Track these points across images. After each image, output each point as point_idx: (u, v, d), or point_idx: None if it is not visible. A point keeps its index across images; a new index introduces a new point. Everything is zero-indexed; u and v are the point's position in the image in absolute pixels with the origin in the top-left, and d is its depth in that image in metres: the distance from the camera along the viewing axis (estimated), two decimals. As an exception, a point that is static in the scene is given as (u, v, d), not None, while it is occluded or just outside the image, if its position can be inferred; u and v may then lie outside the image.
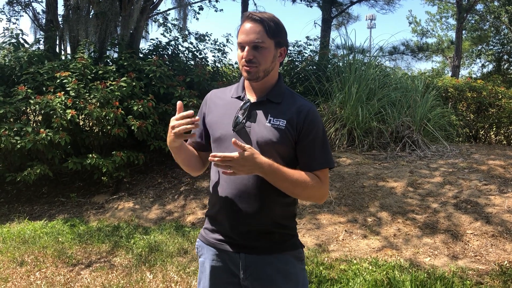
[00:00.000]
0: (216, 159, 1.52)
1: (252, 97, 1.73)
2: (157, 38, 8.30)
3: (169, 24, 9.81)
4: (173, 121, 1.61)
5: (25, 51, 6.53)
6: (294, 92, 1.80)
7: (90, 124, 6.51)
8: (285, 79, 8.04)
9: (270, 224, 1.69)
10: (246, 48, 1.64)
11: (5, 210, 5.97)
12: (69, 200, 6.10)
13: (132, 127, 5.83)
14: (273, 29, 1.65)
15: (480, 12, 20.00)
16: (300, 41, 8.87)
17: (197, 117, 1.62)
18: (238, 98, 1.76)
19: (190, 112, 1.58)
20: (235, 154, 1.52)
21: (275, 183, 1.62)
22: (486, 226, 4.21)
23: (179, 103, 1.64)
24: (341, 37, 20.32)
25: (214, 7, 10.80)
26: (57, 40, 8.08)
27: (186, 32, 9.05)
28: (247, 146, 1.55)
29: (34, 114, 6.38)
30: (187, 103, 6.22)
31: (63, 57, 7.45)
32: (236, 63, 9.26)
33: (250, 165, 1.55)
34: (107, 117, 5.80)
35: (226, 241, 1.72)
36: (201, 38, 8.55)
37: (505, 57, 21.96)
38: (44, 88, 6.06)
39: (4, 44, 6.92)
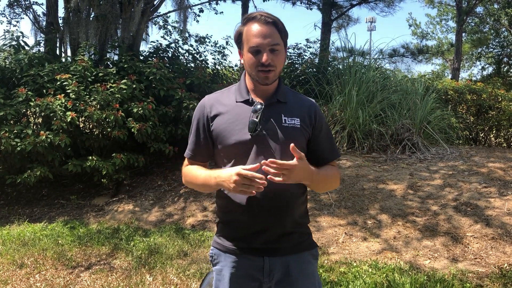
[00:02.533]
0: (273, 165, 1.46)
1: (258, 100, 1.70)
2: (157, 41, 8.28)
3: (169, 27, 9.81)
4: (239, 175, 1.48)
5: (25, 54, 6.54)
6: (293, 90, 1.82)
7: (90, 126, 6.51)
8: (285, 81, 8.05)
9: (291, 224, 1.69)
10: (264, 53, 1.60)
11: (5, 212, 5.97)
12: (69, 202, 6.10)
13: (132, 130, 5.83)
14: (283, 31, 1.66)
15: (480, 15, 20.05)
16: (300, 43, 8.92)
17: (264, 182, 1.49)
18: (246, 102, 1.70)
19: (261, 177, 1.49)
20: (294, 162, 1.49)
21: (317, 186, 1.69)
22: (486, 228, 4.21)
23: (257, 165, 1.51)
24: (341, 40, 20.35)
25: (214, 9, 10.84)
26: (58, 42, 8.10)
27: (187, 35, 9.07)
28: (302, 154, 1.52)
29: (34, 116, 6.38)
30: (187, 105, 6.23)
31: (63, 60, 7.47)
32: (236, 65, 9.25)
33: (302, 174, 1.54)
34: (107, 119, 5.80)
35: (248, 247, 1.68)
36: (201, 40, 8.57)
37: (505, 59, 22.00)
38: (44, 90, 6.06)
39: (4, 47, 6.94)
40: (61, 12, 8.30)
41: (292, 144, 1.49)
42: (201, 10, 10.04)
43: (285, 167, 1.48)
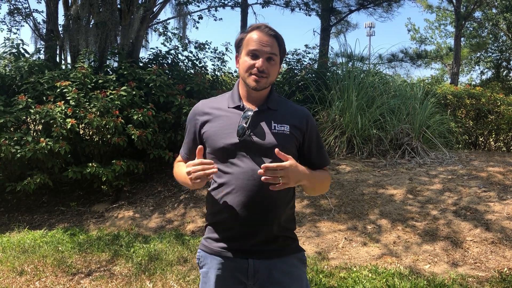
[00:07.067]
0: (269, 170, 1.51)
1: (250, 106, 1.76)
2: (157, 47, 8.31)
3: (169, 33, 9.89)
4: (189, 167, 1.57)
5: (25, 61, 6.56)
6: (285, 98, 1.89)
7: (90, 133, 6.52)
8: (285, 87, 8.07)
9: (277, 228, 1.72)
10: (261, 58, 1.68)
11: (5, 219, 5.97)
12: (69, 209, 6.11)
13: (132, 136, 5.85)
14: (283, 47, 1.75)
15: (478, 19, 20.11)
16: (299, 49, 8.91)
17: (215, 169, 1.57)
18: (237, 108, 1.76)
19: (210, 161, 1.57)
20: (287, 163, 1.54)
21: (314, 186, 1.75)
22: (485, 233, 4.21)
23: (200, 147, 1.62)
24: (340, 45, 20.43)
25: (213, 16, 10.89)
26: (58, 49, 8.12)
27: (186, 41, 9.12)
28: (289, 156, 1.56)
29: (34, 123, 6.40)
30: (186, 111, 6.24)
31: (63, 67, 7.50)
32: (235, 71, 9.28)
33: (298, 174, 1.58)
34: (107, 126, 5.81)
35: (233, 249, 1.72)
36: (200, 46, 8.60)
37: (504, 64, 22.05)
38: (44, 98, 6.08)
39: (4, 54, 6.96)
40: (61, 20, 8.35)
41: (276, 149, 1.55)
42: (200, 17, 10.09)
43: (280, 168, 1.52)
